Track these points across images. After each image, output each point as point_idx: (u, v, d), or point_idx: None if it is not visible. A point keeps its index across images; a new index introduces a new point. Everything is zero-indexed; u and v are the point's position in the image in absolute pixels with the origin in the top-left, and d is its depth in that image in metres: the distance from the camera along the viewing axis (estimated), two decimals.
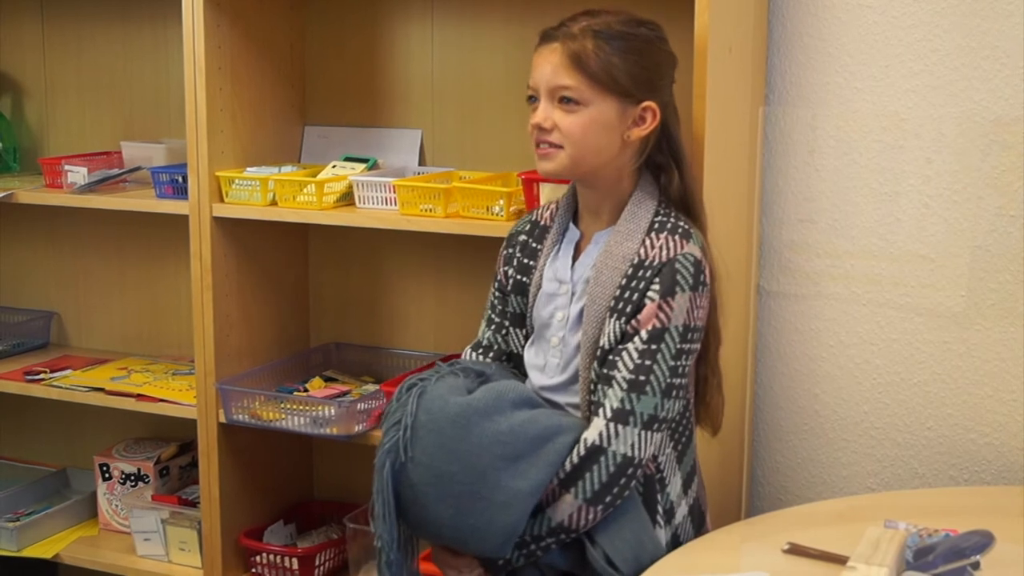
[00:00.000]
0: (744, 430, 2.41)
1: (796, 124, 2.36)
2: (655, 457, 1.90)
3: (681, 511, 1.96)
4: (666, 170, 1.93)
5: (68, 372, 2.82)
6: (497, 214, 2.25)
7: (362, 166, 2.53)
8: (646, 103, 1.87)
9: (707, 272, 1.87)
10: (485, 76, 2.54)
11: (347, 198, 2.45)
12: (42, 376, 2.80)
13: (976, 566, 1.69)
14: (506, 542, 1.84)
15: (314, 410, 2.47)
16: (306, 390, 2.59)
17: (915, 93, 2.26)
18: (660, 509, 1.92)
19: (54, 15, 2.97)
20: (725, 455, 2.29)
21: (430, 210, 2.32)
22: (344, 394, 2.56)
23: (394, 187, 2.35)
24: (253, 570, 2.62)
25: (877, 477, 2.40)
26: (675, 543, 1.95)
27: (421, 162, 2.64)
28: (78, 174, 2.69)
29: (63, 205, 2.70)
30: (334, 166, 2.54)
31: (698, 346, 1.89)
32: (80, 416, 3.00)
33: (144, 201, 2.60)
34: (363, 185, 2.40)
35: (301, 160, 2.72)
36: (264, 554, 2.60)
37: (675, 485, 1.94)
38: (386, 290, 2.74)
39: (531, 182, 2.21)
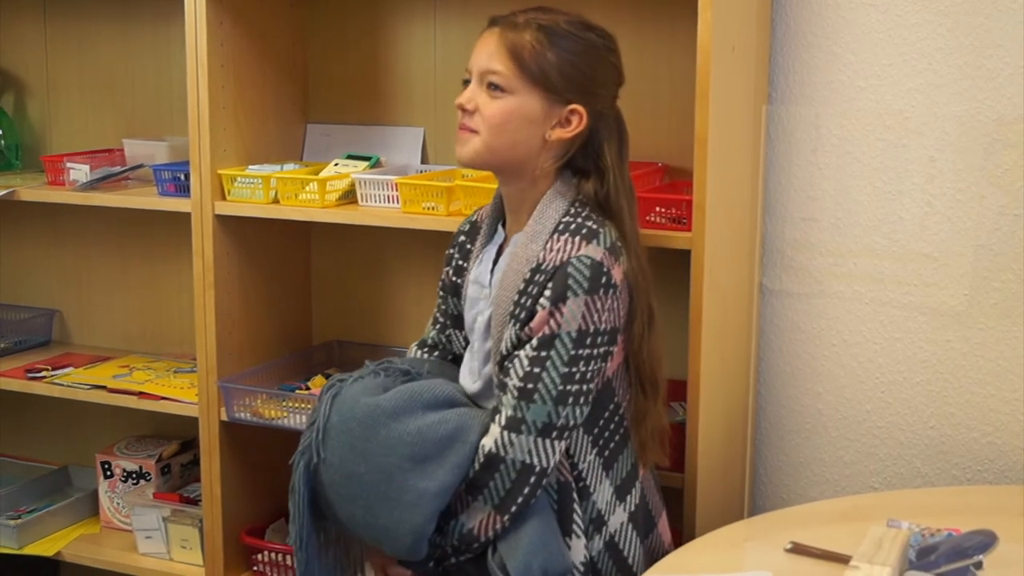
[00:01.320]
0: (747, 429, 2.40)
1: (799, 123, 2.35)
2: (575, 464, 1.88)
3: (617, 519, 1.92)
4: (585, 175, 1.90)
5: (70, 370, 2.82)
6: None
7: (364, 164, 2.53)
8: (574, 105, 1.85)
9: (613, 273, 1.81)
10: None
11: (349, 196, 2.45)
12: (44, 374, 2.80)
13: (979, 566, 1.68)
14: (417, 542, 1.84)
15: None
16: (308, 388, 2.59)
17: (918, 92, 2.26)
18: (579, 519, 1.88)
19: (56, 12, 2.97)
20: (728, 454, 2.29)
21: (432, 208, 2.32)
22: None
23: (396, 185, 2.35)
24: (255, 568, 2.62)
25: (880, 476, 2.39)
26: (614, 551, 1.91)
27: (423, 160, 2.64)
28: (80, 172, 2.69)
29: (65, 203, 2.70)
30: (336, 164, 2.54)
31: (608, 349, 1.84)
32: (82, 414, 3.00)
33: (146, 199, 2.60)
34: (365, 183, 2.40)
35: (303, 158, 2.72)
36: (266, 552, 2.60)
37: (603, 493, 1.91)
38: (388, 288, 2.74)
39: None
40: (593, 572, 1.89)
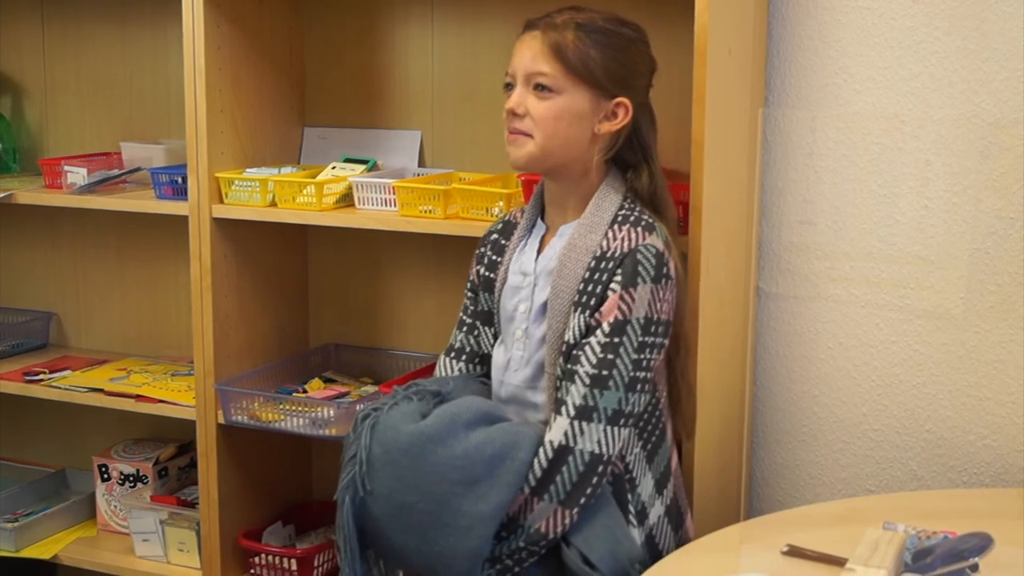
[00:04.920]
0: (743, 432, 2.41)
1: (795, 126, 2.36)
2: (623, 456, 1.89)
3: (655, 511, 1.95)
4: (635, 167, 1.95)
5: (67, 373, 2.82)
6: (496, 215, 2.25)
7: (362, 167, 2.53)
8: (619, 99, 1.90)
9: (671, 266, 1.87)
10: (484, 77, 2.54)
11: (347, 199, 2.45)
12: (41, 377, 2.80)
13: (975, 568, 1.69)
14: (473, 566, 1.83)
15: (313, 411, 2.47)
16: (305, 391, 2.59)
17: (914, 95, 2.27)
18: (632, 509, 1.91)
19: (54, 16, 2.97)
20: (724, 457, 2.29)
21: (429, 211, 2.32)
22: (343, 395, 2.56)
23: (393, 188, 2.36)
24: (252, 571, 2.62)
25: (876, 479, 2.40)
26: (651, 544, 1.94)
27: (421, 163, 2.64)
28: (78, 175, 2.69)
29: (63, 206, 2.70)
30: (334, 167, 2.54)
31: (664, 341, 1.88)
32: (79, 417, 3.00)
33: (144, 202, 2.60)
34: (363, 186, 2.40)
35: (301, 161, 2.72)
36: (263, 555, 2.60)
37: (646, 485, 1.93)
38: (385, 291, 2.74)
39: (531, 183, 2.20)
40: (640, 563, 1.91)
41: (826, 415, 2.42)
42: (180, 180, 2.54)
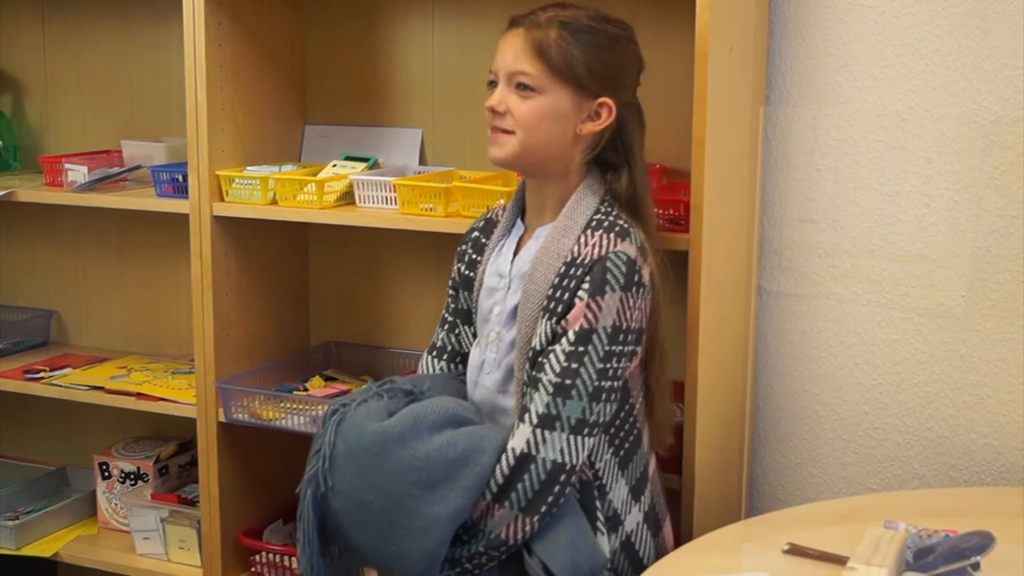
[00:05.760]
0: (744, 430, 2.41)
1: (797, 124, 2.36)
2: (592, 463, 1.88)
3: (633, 518, 1.93)
4: (616, 169, 1.93)
5: (68, 371, 2.82)
6: None
7: (362, 165, 2.53)
8: (602, 99, 1.88)
9: (644, 273, 1.85)
10: (485, 75, 2.52)
11: (347, 197, 2.45)
12: (42, 375, 2.80)
13: (976, 567, 1.69)
14: (430, 567, 1.82)
15: (314, 409, 2.47)
16: (306, 389, 2.59)
17: (916, 93, 2.26)
18: (600, 516, 1.89)
19: (55, 13, 2.97)
20: (724, 456, 2.29)
21: (430, 209, 2.32)
22: (344, 393, 2.56)
23: (394, 186, 2.35)
24: (252, 569, 2.62)
25: (877, 477, 2.39)
26: (629, 551, 1.92)
27: (421, 161, 2.64)
28: (78, 173, 2.69)
29: (63, 204, 2.70)
30: (334, 165, 2.54)
31: (634, 348, 1.85)
32: (80, 415, 3.00)
33: (144, 200, 2.60)
34: (363, 184, 2.40)
35: (301, 159, 2.72)
36: (263, 553, 2.60)
37: (619, 492, 1.92)
38: (386, 289, 2.74)
39: None
40: (610, 571, 1.90)
41: (827, 413, 2.42)
42: (181, 178, 2.54)
